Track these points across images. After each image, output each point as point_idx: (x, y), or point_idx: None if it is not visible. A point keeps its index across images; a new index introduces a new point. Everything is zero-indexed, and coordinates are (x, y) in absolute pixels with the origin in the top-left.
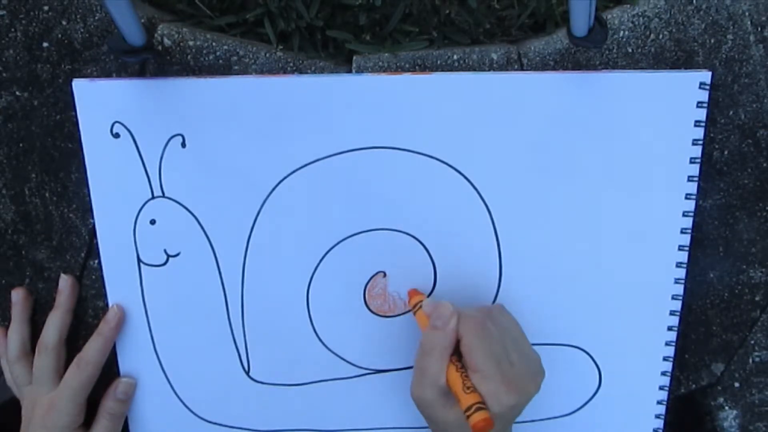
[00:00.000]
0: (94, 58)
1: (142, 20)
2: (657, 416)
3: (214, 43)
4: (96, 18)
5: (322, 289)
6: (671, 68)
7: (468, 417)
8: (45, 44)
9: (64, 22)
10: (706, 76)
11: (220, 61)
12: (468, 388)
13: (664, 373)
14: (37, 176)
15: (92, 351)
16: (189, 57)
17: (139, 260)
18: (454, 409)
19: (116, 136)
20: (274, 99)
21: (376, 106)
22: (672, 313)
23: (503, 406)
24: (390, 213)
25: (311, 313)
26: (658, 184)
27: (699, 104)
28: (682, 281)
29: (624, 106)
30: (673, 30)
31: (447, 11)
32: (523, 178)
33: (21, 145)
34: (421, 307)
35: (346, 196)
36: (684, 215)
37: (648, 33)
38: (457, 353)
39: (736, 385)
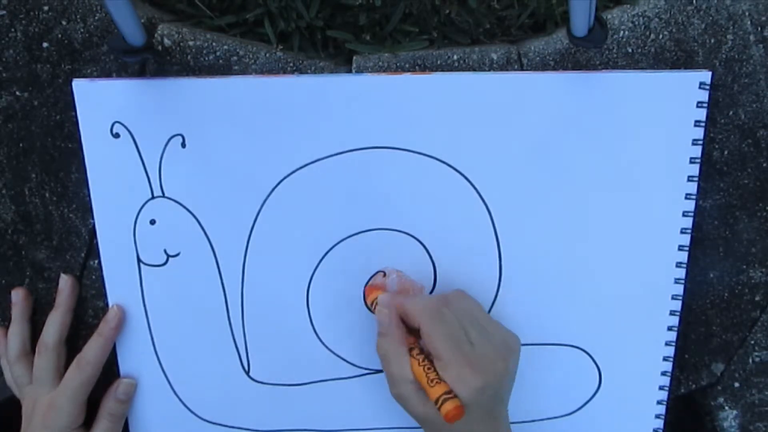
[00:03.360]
0: (94, 58)
1: (142, 20)
2: (657, 416)
3: (214, 43)
4: (96, 18)
5: (322, 289)
6: (671, 68)
7: (439, 409)
8: (45, 44)
9: (64, 22)
10: (706, 76)
11: (220, 61)
12: (432, 380)
13: (664, 373)
14: (37, 176)
15: (92, 351)
16: (189, 57)
17: (139, 260)
18: (431, 403)
19: (116, 136)
20: (274, 99)
21: (376, 106)
22: (672, 313)
23: (470, 389)
24: (390, 213)
25: (311, 313)
26: (658, 184)
27: (699, 104)
28: (682, 281)
29: (624, 106)
30: (673, 30)
31: (447, 11)
32: (522, 178)
33: (21, 145)
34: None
35: (346, 196)
36: (684, 215)
37: (648, 33)
38: (422, 348)
39: (736, 385)
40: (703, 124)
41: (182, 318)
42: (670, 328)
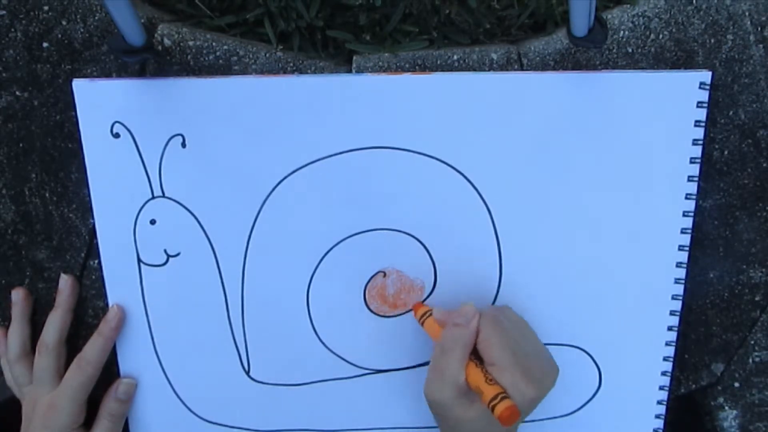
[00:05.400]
0: (94, 58)
1: (142, 20)
2: (657, 416)
3: (214, 43)
4: (96, 18)
5: (322, 289)
6: (671, 68)
7: (493, 408)
8: (45, 44)
9: (64, 22)
10: (706, 76)
11: (220, 61)
12: (490, 380)
13: (664, 373)
14: (37, 176)
15: (92, 351)
16: (189, 57)
17: (139, 260)
18: (473, 407)
19: (116, 136)
20: (274, 99)
21: (376, 106)
22: (672, 313)
23: (524, 397)
24: (390, 213)
25: (311, 313)
26: (658, 184)
27: (699, 104)
28: (682, 281)
29: (624, 106)
30: (673, 30)
31: (447, 11)
32: (522, 178)
33: (21, 145)
34: (430, 315)
35: (346, 196)
36: (684, 215)
37: (648, 33)
38: (472, 352)
39: (736, 385)
40: (703, 124)
41: (182, 318)
42: (670, 328)
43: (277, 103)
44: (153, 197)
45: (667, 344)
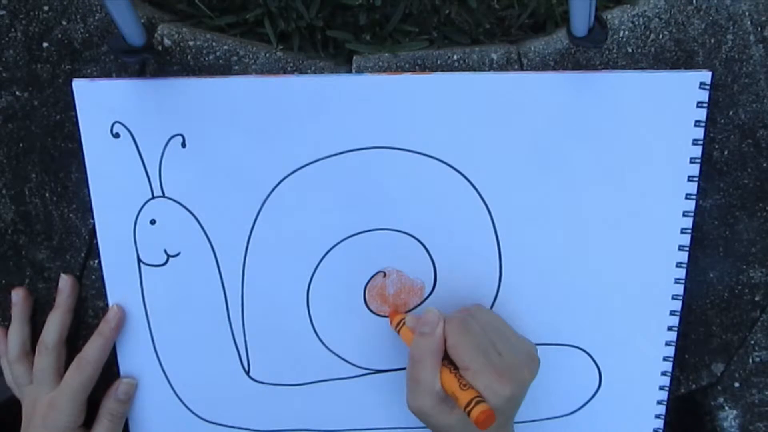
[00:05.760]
0: (94, 58)
1: (142, 20)
2: (657, 416)
3: (214, 43)
4: (96, 18)
5: (322, 289)
6: (671, 68)
7: (469, 413)
8: (45, 44)
9: (64, 22)
10: (706, 76)
11: (220, 61)
12: (464, 385)
13: (664, 373)
14: (37, 176)
15: (92, 351)
16: (189, 57)
17: (139, 260)
18: (454, 412)
19: (116, 136)
20: (274, 99)
21: (376, 106)
22: (672, 313)
23: (500, 397)
24: (390, 213)
25: (311, 313)
26: (658, 184)
27: (699, 104)
28: (682, 281)
29: (624, 106)
30: (673, 30)
31: (447, 11)
32: (522, 178)
33: (21, 145)
34: (404, 323)
35: (346, 196)
36: (684, 215)
37: (648, 33)
38: (446, 358)
39: (736, 385)
40: (703, 124)
41: (182, 318)
42: (670, 328)
43: (277, 103)
44: (153, 197)
45: (667, 344)
